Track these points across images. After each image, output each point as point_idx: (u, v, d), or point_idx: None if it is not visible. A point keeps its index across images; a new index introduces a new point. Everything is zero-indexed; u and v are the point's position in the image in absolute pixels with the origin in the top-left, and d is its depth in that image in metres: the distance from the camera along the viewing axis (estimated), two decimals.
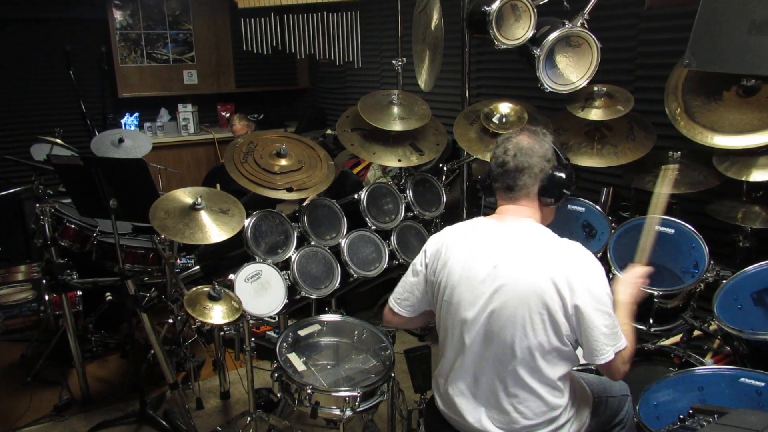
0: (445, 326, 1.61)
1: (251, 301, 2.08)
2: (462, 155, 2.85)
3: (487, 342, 1.52)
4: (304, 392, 1.93)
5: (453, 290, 1.55)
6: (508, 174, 1.58)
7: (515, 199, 1.60)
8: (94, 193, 2.39)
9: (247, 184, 2.23)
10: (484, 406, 1.56)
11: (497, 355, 1.51)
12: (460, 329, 1.55)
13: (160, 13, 5.14)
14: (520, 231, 1.55)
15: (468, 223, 1.65)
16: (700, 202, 2.38)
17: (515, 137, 1.61)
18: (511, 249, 1.52)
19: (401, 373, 2.13)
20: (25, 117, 4.81)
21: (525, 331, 1.46)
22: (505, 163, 1.59)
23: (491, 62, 3.73)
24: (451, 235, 1.63)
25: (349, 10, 3.13)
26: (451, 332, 1.58)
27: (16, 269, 3.40)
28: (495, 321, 1.49)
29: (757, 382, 1.71)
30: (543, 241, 1.53)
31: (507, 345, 1.48)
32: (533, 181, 1.57)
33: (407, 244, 2.46)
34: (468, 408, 1.58)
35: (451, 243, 1.60)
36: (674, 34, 2.53)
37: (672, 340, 2.28)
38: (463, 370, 1.57)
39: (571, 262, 1.47)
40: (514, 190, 1.58)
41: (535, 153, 1.57)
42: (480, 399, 1.56)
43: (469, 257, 1.54)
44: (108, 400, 2.93)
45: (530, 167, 1.57)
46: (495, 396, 1.53)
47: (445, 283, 1.58)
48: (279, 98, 5.95)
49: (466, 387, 1.58)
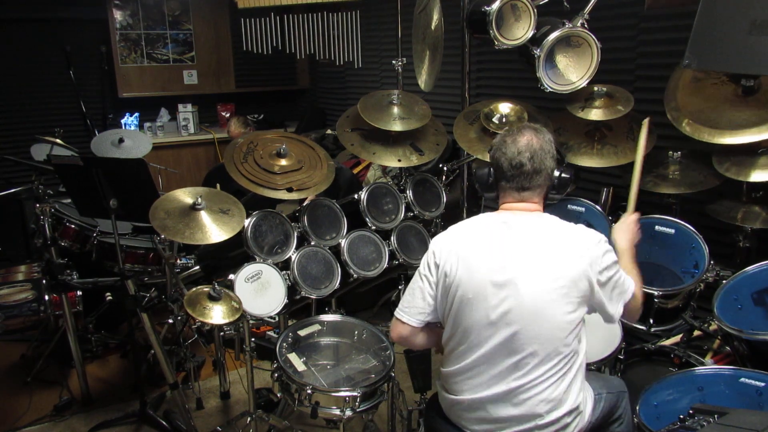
0: (464, 325, 1.58)
1: (251, 301, 2.08)
2: (462, 155, 2.85)
3: (511, 336, 1.52)
4: (304, 392, 1.93)
5: (475, 285, 1.55)
6: (524, 175, 1.61)
7: (525, 198, 1.63)
8: (94, 193, 2.38)
9: (247, 184, 2.23)
10: (503, 399, 1.56)
11: (521, 343, 1.51)
12: (483, 325, 1.54)
13: (160, 13, 5.14)
14: (537, 223, 1.60)
15: (475, 221, 1.66)
16: (700, 202, 2.38)
17: (523, 137, 1.61)
18: (532, 241, 1.55)
19: (401, 373, 2.13)
20: (25, 117, 4.81)
21: (552, 319, 1.50)
22: (521, 165, 1.60)
23: (491, 62, 3.73)
24: (459, 234, 1.64)
25: (349, 10, 3.14)
26: (470, 330, 1.57)
27: (16, 269, 3.40)
28: (525, 311, 1.50)
29: (757, 382, 1.72)
30: (561, 230, 1.58)
31: (531, 334, 1.50)
32: (547, 181, 1.64)
33: (407, 244, 2.46)
34: (485, 395, 1.58)
35: (464, 240, 1.61)
36: (674, 34, 2.53)
37: (672, 340, 2.28)
38: (482, 361, 1.57)
39: (590, 246, 1.55)
40: (529, 190, 1.62)
41: (547, 154, 1.62)
42: (499, 386, 1.56)
43: (488, 252, 1.56)
44: (108, 400, 2.93)
45: (546, 169, 1.62)
46: (516, 389, 1.54)
47: (461, 283, 1.57)
48: (279, 98, 5.95)
49: (486, 383, 1.57)
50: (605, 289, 1.56)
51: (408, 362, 2.11)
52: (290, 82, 5.98)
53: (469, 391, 1.61)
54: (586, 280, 1.52)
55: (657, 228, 2.23)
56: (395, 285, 3.17)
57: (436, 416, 1.74)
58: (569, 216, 2.41)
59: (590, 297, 1.55)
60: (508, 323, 1.52)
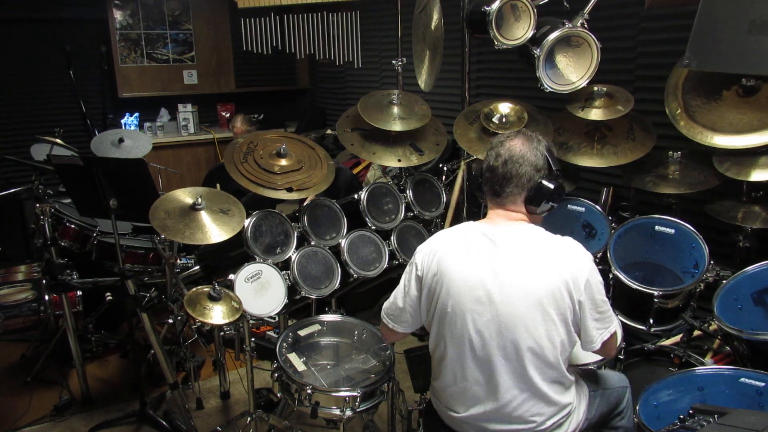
0: (447, 335, 1.57)
1: (251, 301, 2.08)
2: (462, 155, 2.85)
3: (497, 346, 1.50)
4: (304, 392, 1.93)
5: (455, 299, 1.52)
6: (495, 180, 1.58)
7: (502, 205, 1.60)
8: (94, 193, 2.38)
9: (247, 184, 2.23)
10: (493, 408, 1.55)
11: (507, 357, 1.50)
12: (466, 337, 1.52)
13: (160, 13, 5.14)
14: (517, 234, 1.55)
15: (458, 229, 1.63)
16: (700, 202, 2.38)
17: (510, 141, 1.59)
18: (511, 253, 1.51)
19: (401, 373, 2.13)
20: (25, 117, 4.81)
21: (534, 332, 1.47)
22: (493, 168, 1.58)
23: (491, 62, 3.73)
24: (442, 243, 1.60)
25: (349, 10, 3.13)
26: (454, 341, 1.55)
27: (16, 269, 3.39)
28: (503, 326, 1.48)
29: (757, 382, 1.71)
30: (542, 242, 1.54)
31: (516, 348, 1.48)
32: (520, 190, 1.57)
33: (407, 244, 2.46)
34: (477, 412, 1.57)
35: (445, 251, 1.57)
36: (674, 34, 2.53)
37: (672, 340, 2.28)
38: (470, 377, 1.55)
39: (572, 261, 1.49)
40: (501, 196, 1.58)
41: (526, 161, 1.56)
42: (489, 402, 1.55)
43: (467, 264, 1.52)
44: (108, 400, 2.93)
45: (518, 176, 1.56)
46: (505, 398, 1.53)
47: (443, 293, 1.54)
48: (279, 98, 5.95)
49: (474, 392, 1.56)
50: (588, 309, 1.50)
51: (408, 362, 2.11)
52: (290, 82, 5.98)
53: (460, 407, 1.60)
54: (567, 295, 1.47)
55: (657, 228, 2.23)
56: (395, 285, 3.17)
57: (436, 416, 1.74)
58: (569, 216, 2.41)
59: (572, 314, 1.49)
60: (487, 337, 1.50)
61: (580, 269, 1.48)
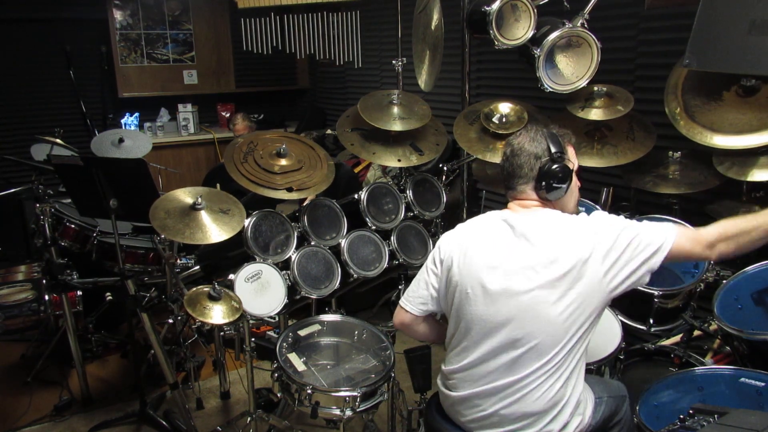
0: (465, 320, 1.60)
1: (251, 301, 2.08)
2: (462, 155, 2.85)
3: (509, 332, 1.52)
4: (304, 392, 1.93)
5: (471, 284, 1.58)
6: (505, 176, 1.69)
7: (517, 197, 1.67)
8: (94, 193, 2.38)
9: (247, 184, 2.23)
10: (499, 394, 1.56)
11: (521, 338, 1.51)
12: (483, 321, 1.55)
13: (160, 13, 5.15)
14: (534, 218, 1.60)
15: (480, 219, 1.70)
16: (700, 202, 2.38)
17: (515, 138, 1.69)
18: (529, 236, 1.55)
19: (401, 373, 2.13)
20: (25, 117, 4.81)
21: (547, 317, 1.49)
22: (503, 166, 1.70)
23: (491, 62, 3.73)
24: (464, 231, 1.69)
25: (349, 10, 3.13)
26: (470, 326, 1.59)
27: (16, 269, 3.40)
28: (521, 306, 1.51)
29: (757, 382, 1.71)
30: (558, 223, 1.58)
31: (528, 334, 1.50)
32: (525, 180, 1.63)
33: (407, 244, 2.46)
34: (483, 397, 1.58)
35: (466, 238, 1.65)
36: (674, 34, 2.53)
37: (672, 340, 2.28)
38: (483, 364, 1.57)
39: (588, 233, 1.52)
40: (514, 189, 1.67)
41: (524, 152, 1.63)
42: (497, 386, 1.56)
43: (487, 248, 1.59)
44: (108, 400, 2.93)
45: (520, 167, 1.63)
46: (512, 384, 1.54)
47: (461, 278, 1.60)
48: (279, 98, 5.96)
49: (484, 378, 1.58)
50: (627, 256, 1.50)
51: (408, 362, 2.11)
52: (290, 82, 5.98)
53: (467, 387, 1.61)
54: (590, 269, 1.48)
55: None
56: (395, 285, 3.16)
57: (437, 415, 1.74)
58: None
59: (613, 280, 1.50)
60: (505, 319, 1.52)
61: (599, 237, 1.50)
